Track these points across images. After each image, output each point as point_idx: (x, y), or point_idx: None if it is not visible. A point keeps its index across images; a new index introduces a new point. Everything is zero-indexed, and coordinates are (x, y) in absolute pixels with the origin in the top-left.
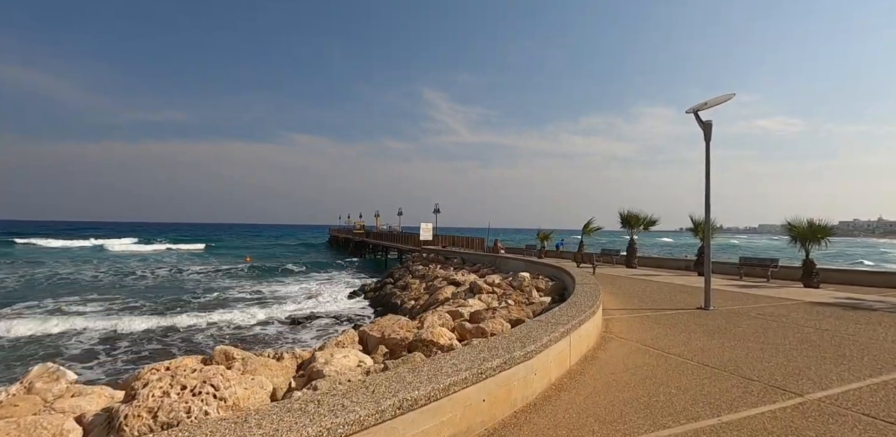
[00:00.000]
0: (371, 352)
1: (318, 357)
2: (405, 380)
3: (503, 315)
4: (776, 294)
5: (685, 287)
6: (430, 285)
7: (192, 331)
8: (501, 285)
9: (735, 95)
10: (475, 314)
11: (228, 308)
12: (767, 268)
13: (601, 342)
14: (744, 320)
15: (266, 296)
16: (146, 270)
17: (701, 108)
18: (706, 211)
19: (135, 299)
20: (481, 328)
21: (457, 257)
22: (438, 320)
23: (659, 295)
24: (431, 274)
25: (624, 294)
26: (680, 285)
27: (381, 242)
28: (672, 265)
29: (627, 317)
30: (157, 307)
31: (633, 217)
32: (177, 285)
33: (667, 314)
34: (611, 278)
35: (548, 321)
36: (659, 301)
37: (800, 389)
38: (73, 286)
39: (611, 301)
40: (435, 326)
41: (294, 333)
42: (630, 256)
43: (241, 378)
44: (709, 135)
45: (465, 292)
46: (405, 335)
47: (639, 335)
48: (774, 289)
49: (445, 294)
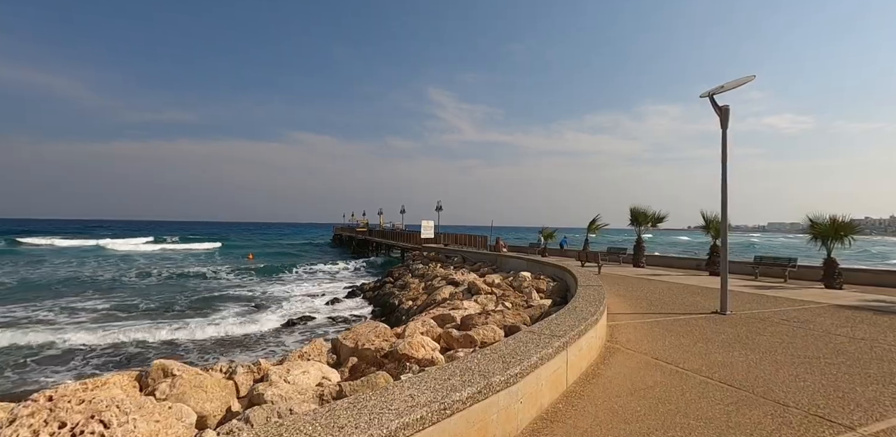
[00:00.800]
0: (343, 364)
1: (272, 374)
2: (337, 423)
3: (497, 321)
4: (797, 296)
5: (698, 289)
6: (428, 285)
7: (178, 333)
8: (501, 285)
9: (755, 77)
10: (466, 319)
11: (222, 309)
12: (785, 268)
13: (605, 355)
14: (766, 327)
15: (263, 296)
16: (150, 269)
17: (717, 91)
18: (723, 206)
19: (132, 299)
20: (470, 337)
21: (457, 255)
22: (422, 327)
23: (669, 297)
24: (431, 273)
25: (631, 296)
26: (692, 286)
27: (384, 240)
28: (682, 265)
29: (635, 323)
30: (149, 308)
31: (641, 214)
32: (176, 284)
33: (679, 320)
34: (617, 278)
35: (541, 333)
36: (670, 304)
37: (849, 419)
38: (68, 287)
39: (616, 304)
40: (416, 334)
41: (283, 335)
42: (637, 254)
43: (155, 407)
44: (726, 121)
45: (464, 293)
46: (380, 346)
47: (648, 346)
48: (794, 290)
49: (443, 294)
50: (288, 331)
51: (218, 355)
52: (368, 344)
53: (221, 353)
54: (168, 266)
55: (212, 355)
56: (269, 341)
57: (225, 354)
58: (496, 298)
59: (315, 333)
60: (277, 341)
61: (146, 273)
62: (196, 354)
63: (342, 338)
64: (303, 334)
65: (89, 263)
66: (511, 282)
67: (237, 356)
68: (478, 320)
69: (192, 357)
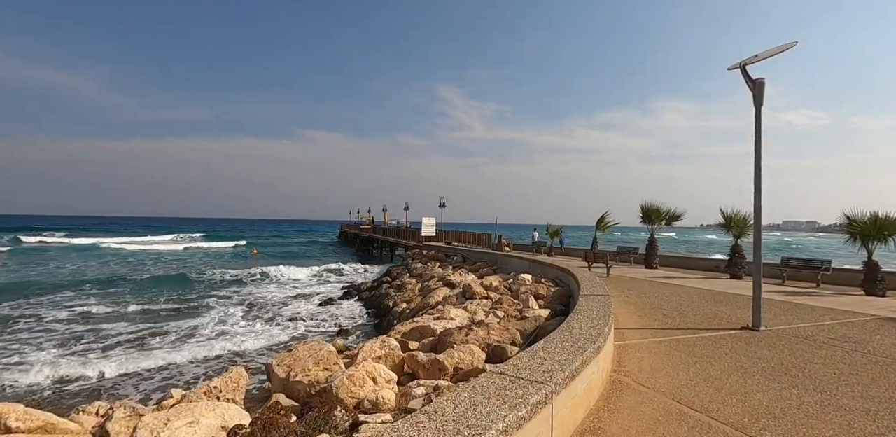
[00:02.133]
0: (267, 401)
1: (143, 428)
2: None
3: (480, 338)
4: (837, 305)
5: (720, 295)
6: (424, 286)
7: (150, 338)
8: (499, 288)
9: (797, 43)
10: (445, 335)
11: (207, 310)
12: (817, 271)
13: (610, 396)
14: (814, 351)
15: (256, 296)
16: (154, 267)
17: (751, 61)
18: (756, 199)
19: (119, 301)
20: (439, 363)
21: (457, 254)
22: (379, 350)
23: (688, 306)
24: (429, 273)
25: (643, 304)
26: (712, 291)
27: (387, 237)
28: (698, 266)
29: (649, 343)
30: (124, 312)
31: (654, 211)
32: (171, 283)
33: (703, 338)
34: (628, 281)
35: (517, 376)
36: (689, 316)
37: None
38: (56, 286)
39: (626, 316)
40: (365, 362)
41: (259, 339)
42: (650, 255)
43: None
44: (760, 97)
45: (458, 296)
46: (317, 377)
47: (667, 379)
48: (831, 298)
49: (437, 298)
50: (274, 334)
51: (174, 373)
52: (303, 374)
53: (176, 369)
54: (173, 265)
55: (165, 374)
56: (264, 341)
57: (180, 368)
58: (491, 303)
59: (300, 338)
60: (242, 351)
61: (146, 273)
62: None
63: (276, 364)
64: (293, 342)
65: (105, 261)
66: (510, 285)
67: (195, 369)
68: (457, 336)
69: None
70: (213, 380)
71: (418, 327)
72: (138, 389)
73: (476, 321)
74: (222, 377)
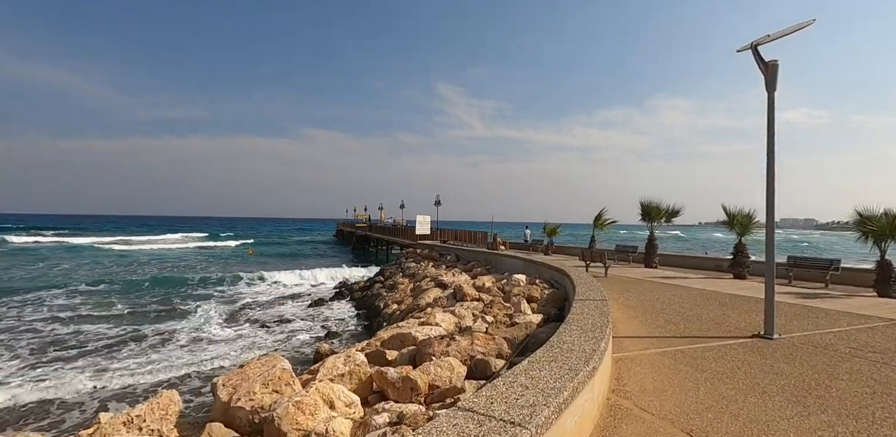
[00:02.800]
0: (199, 433)
1: None
2: None
3: (462, 349)
4: (851, 308)
5: (725, 297)
6: (416, 287)
7: (119, 346)
8: (492, 289)
9: (815, 20)
10: (424, 345)
11: (192, 312)
12: (826, 271)
13: (606, 425)
14: (837, 365)
15: (245, 297)
16: (146, 268)
17: (763, 41)
18: (768, 193)
19: (102, 303)
20: (410, 382)
21: (451, 253)
22: (343, 366)
23: (692, 310)
24: (422, 273)
25: (644, 308)
26: (716, 293)
27: (382, 236)
28: (699, 265)
29: (651, 355)
30: (110, 314)
31: (654, 208)
32: (159, 284)
33: (711, 349)
34: (627, 281)
35: (488, 415)
36: (694, 321)
37: None
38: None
39: (626, 321)
40: (322, 383)
41: (236, 346)
42: (650, 253)
43: None
44: (773, 81)
45: (449, 298)
46: (261, 402)
47: (674, 402)
48: (842, 300)
49: (427, 299)
50: (263, 334)
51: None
52: (246, 399)
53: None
54: (167, 265)
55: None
56: (241, 345)
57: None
58: (483, 306)
59: (281, 342)
60: (223, 353)
61: (135, 270)
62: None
63: (221, 383)
64: (277, 343)
65: (96, 261)
66: (503, 286)
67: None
68: (437, 347)
69: None
70: (137, 407)
71: (399, 334)
72: (78, 410)
73: (463, 327)
74: (148, 404)
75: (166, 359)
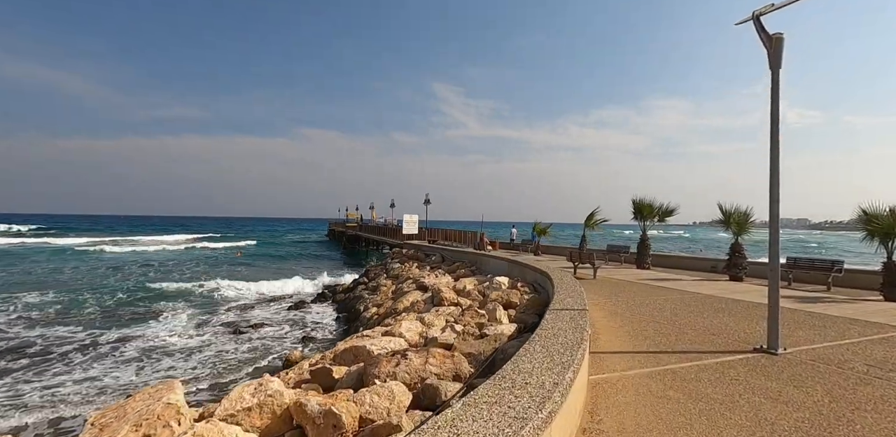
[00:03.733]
0: None
1: None
2: None
3: (413, 369)
4: (859, 315)
5: (721, 302)
6: (398, 289)
7: (74, 349)
8: (472, 292)
9: None
10: (370, 364)
11: (167, 313)
12: (828, 272)
13: None
14: (857, 388)
15: (222, 300)
16: (127, 269)
17: (767, 11)
18: (771, 186)
19: (70, 306)
20: (333, 417)
21: (436, 253)
22: (251, 398)
23: (686, 317)
24: (405, 274)
25: (632, 315)
26: (712, 297)
27: (372, 236)
28: (693, 266)
29: (636, 376)
30: (72, 319)
31: (647, 206)
32: (136, 287)
33: (707, 367)
34: (616, 284)
35: None
36: (687, 331)
37: None
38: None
39: (610, 332)
40: (210, 423)
41: (227, 345)
42: (642, 254)
43: None
44: (778, 57)
45: (427, 301)
46: None
47: None
48: (848, 305)
49: (406, 303)
50: (232, 342)
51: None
52: None
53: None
54: (155, 264)
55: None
56: (204, 356)
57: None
58: (461, 311)
59: (264, 346)
60: (213, 354)
61: (116, 272)
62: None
63: (91, 422)
64: (245, 353)
65: (78, 262)
66: (485, 289)
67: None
68: (384, 366)
69: None
70: None
71: (353, 347)
72: None
73: (429, 338)
74: None
75: (96, 378)
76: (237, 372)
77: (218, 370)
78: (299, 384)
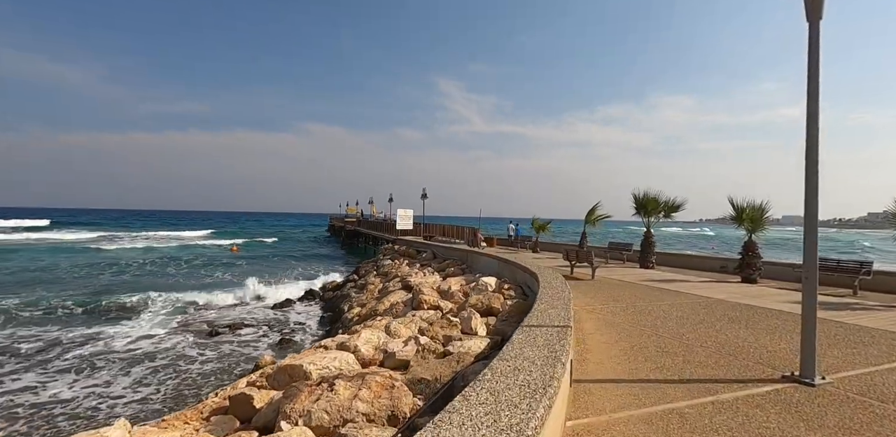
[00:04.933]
0: None
1: None
2: None
3: (336, 407)
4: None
5: (735, 309)
6: (385, 288)
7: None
8: (455, 295)
9: None
10: (287, 397)
11: (138, 314)
12: (855, 275)
13: None
14: None
15: (207, 296)
16: (119, 265)
17: None
18: (808, 174)
19: (51, 301)
20: None
21: (428, 250)
22: None
23: (695, 330)
24: (394, 272)
25: (630, 326)
26: (724, 302)
27: (370, 231)
28: (701, 265)
29: (628, 422)
30: (46, 316)
31: (651, 200)
32: (121, 282)
33: (724, 406)
34: (616, 286)
35: None
36: (697, 348)
37: None
38: None
39: (603, 350)
40: None
41: (200, 350)
42: (646, 252)
43: None
44: (818, 5)
45: (407, 304)
46: None
47: None
48: (881, 313)
49: (386, 304)
50: (198, 347)
51: None
52: None
53: None
54: (147, 259)
55: None
56: (154, 366)
57: None
58: (440, 316)
59: (233, 352)
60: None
61: (107, 267)
62: None
63: None
64: (209, 363)
65: (74, 257)
66: (470, 290)
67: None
68: (302, 401)
69: None
70: None
71: (289, 366)
72: None
73: (388, 352)
74: None
75: (13, 392)
76: (192, 387)
77: (164, 386)
78: (216, 412)
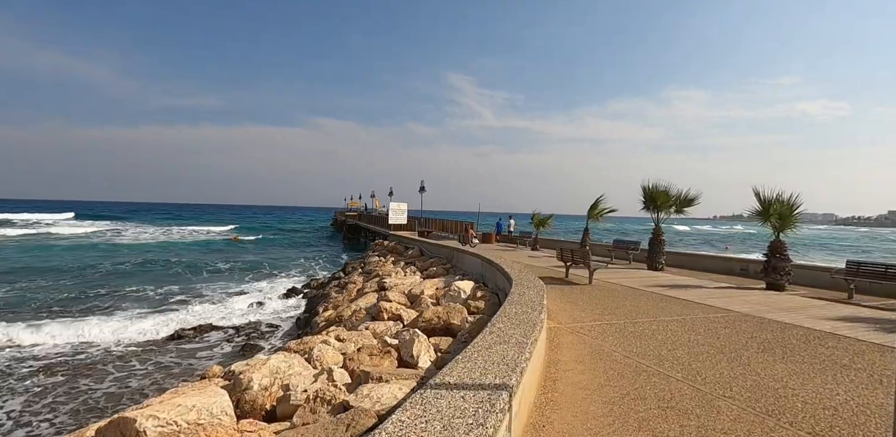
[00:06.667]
0: None
1: None
2: None
3: None
4: None
5: (766, 328)
6: (362, 288)
7: None
8: (425, 300)
9: None
10: None
11: (110, 311)
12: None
13: None
14: None
15: (184, 292)
16: (106, 257)
17: None
18: None
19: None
20: None
21: (414, 246)
22: None
23: (712, 367)
24: (377, 270)
25: (623, 358)
26: (750, 317)
27: (369, 225)
28: (717, 267)
29: None
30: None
31: (661, 193)
32: (96, 279)
33: None
34: (616, 294)
35: None
36: (719, 406)
37: None
38: None
39: (575, 401)
40: None
41: (157, 356)
42: (654, 252)
43: None
44: None
45: (368, 311)
46: None
47: None
48: None
49: (355, 307)
50: (146, 353)
51: None
52: None
53: None
54: (142, 251)
55: None
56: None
57: None
58: (396, 330)
59: (186, 363)
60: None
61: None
62: None
63: None
64: (150, 375)
65: (69, 250)
66: (443, 296)
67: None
68: None
69: None
70: None
71: (121, 419)
72: None
73: (284, 395)
74: None
75: None
76: (92, 411)
77: (55, 412)
78: None
